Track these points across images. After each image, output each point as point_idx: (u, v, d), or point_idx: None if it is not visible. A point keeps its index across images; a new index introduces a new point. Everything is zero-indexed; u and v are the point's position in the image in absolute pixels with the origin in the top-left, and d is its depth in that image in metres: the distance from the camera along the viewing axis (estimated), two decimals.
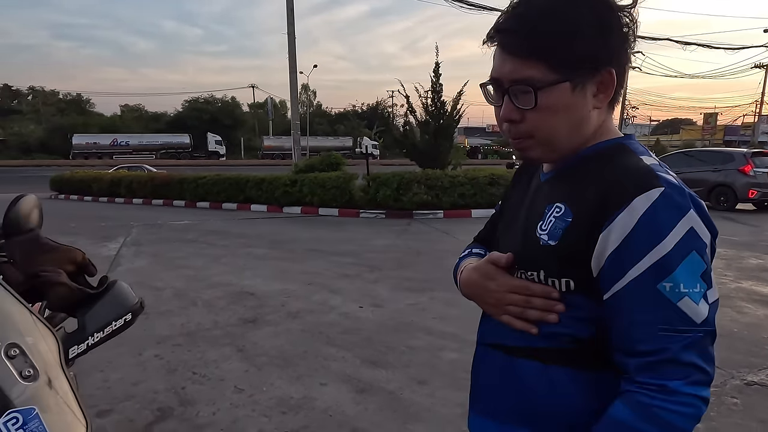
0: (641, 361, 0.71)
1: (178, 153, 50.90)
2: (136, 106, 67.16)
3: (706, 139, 48.55)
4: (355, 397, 2.90)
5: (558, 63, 0.75)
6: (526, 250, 0.83)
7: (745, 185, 11.50)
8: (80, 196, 16.65)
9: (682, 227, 0.69)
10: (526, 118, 0.78)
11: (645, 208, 0.69)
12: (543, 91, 0.75)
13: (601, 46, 0.75)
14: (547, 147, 0.81)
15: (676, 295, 0.69)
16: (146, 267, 6.28)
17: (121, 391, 2.98)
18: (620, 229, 0.71)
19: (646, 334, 0.70)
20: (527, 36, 0.75)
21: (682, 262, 0.69)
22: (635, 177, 0.73)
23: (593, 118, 0.80)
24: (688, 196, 0.71)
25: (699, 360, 0.69)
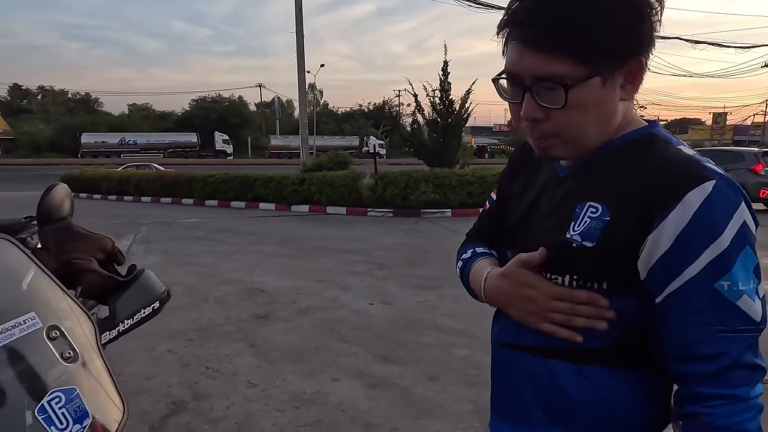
0: (704, 368, 0.67)
1: (186, 152, 51.15)
2: (144, 105, 67.61)
3: (715, 139, 48.19)
4: (367, 393, 2.92)
5: (587, 56, 0.67)
6: (554, 252, 0.77)
7: (756, 185, 11.41)
8: (89, 195, 16.77)
9: (737, 221, 0.66)
10: (551, 116, 0.72)
11: (699, 203, 0.65)
12: (572, 89, 0.68)
13: (632, 33, 0.68)
14: (574, 145, 0.75)
15: (735, 294, 0.66)
16: (157, 263, 6.33)
17: (136, 385, 3.01)
18: (673, 227, 0.66)
19: (705, 336, 0.67)
20: (551, 27, 0.67)
21: (738, 257, 0.66)
22: (683, 169, 0.68)
23: (620, 112, 0.75)
24: (738, 189, 0.67)
25: (758, 359, 0.67)
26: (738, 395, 0.66)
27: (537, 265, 0.78)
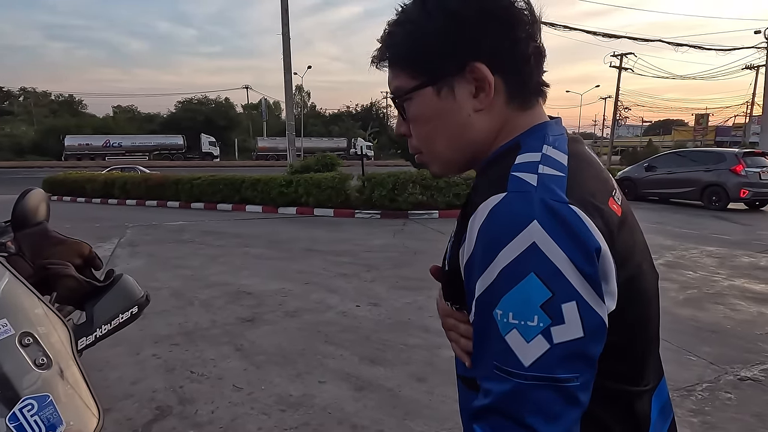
0: (477, 401, 0.59)
1: (172, 154, 50.70)
2: (129, 107, 66.97)
3: (698, 140, 48.90)
4: (354, 395, 2.91)
5: (415, 68, 0.68)
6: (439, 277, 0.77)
7: (737, 185, 11.61)
8: (73, 198, 16.55)
9: (521, 242, 0.55)
10: (410, 130, 0.73)
11: (484, 217, 0.58)
12: (409, 101, 0.70)
13: (456, 40, 0.65)
14: (436, 160, 0.73)
15: (506, 326, 0.55)
16: (142, 267, 6.26)
17: (120, 390, 2.97)
18: (468, 243, 0.60)
19: (484, 367, 0.59)
20: (386, 45, 0.71)
21: (515, 286, 0.55)
22: (489, 182, 0.62)
23: (478, 124, 0.68)
24: (537, 203, 0.56)
25: (528, 417, 0.54)
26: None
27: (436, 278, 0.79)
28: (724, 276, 5.70)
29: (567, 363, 0.54)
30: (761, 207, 12.33)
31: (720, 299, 4.82)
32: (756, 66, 29.40)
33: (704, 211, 11.60)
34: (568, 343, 0.54)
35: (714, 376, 3.16)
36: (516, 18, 0.66)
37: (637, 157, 24.67)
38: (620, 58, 34.87)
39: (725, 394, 2.94)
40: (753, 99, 36.92)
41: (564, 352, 0.54)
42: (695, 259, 6.55)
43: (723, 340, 3.79)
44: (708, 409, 2.77)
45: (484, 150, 0.70)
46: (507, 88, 0.67)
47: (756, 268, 6.13)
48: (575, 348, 0.54)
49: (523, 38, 0.66)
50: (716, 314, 4.38)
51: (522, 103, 0.69)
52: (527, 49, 0.67)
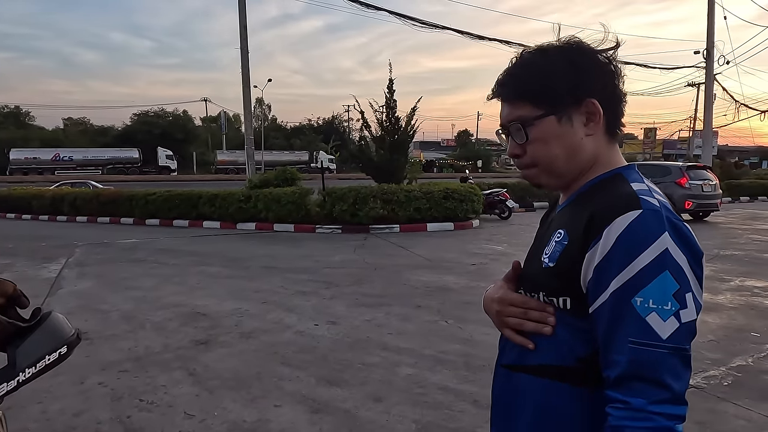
0: (613, 373, 0.75)
1: (127, 168, 49.01)
2: (80, 119, 64.34)
3: (647, 153, 51.20)
4: (310, 418, 2.86)
5: (539, 101, 0.87)
6: (531, 272, 0.92)
7: (682, 197, 12.20)
8: (18, 215, 15.74)
9: (657, 247, 0.74)
10: (526, 151, 0.91)
11: (623, 228, 0.76)
12: (531, 126, 0.88)
13: (575, 82, 0.86)
14: (550, 173, 0.91)
15: (646, 310, 0.73)
16: (91, 289, 6.00)
17: (62, 424, 2.82)
18: (602, 246, 0.77)
19: (619, 345, 0.75)
20: (513, 83, 0.90)
21: (654, 279, 0.74)
22: (618, 200, 0.80)
23: (588, 146, 0.89)
24: (665, 220, 0.76)
25: (665, 377, 0.72)
26: (631, 403, 0.72)
27: (512, 278, 0.97)
28: None
29: (688, 336, 0.75)
30: (704, 217, 13.01)
31: None
32: (697, 83, 31.14)
33: None
34: (689, 322, 0.75)
35: None
36: (616, 69, 0.90)
37: None
38: None
39: None
40: (695, 114, 39.08)
41: (687, 329, 0.74)
42: None
43: None
44: None
45: (587, 169, 0.90)
46: (606, 120, 0.88)
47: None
48: (692, 326, 0.75)
49: (618, 84, 0.89)
50: None
51: (613, 135, 0.91)
52: (621, 93, 0.90)
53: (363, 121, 12.72)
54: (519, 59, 0.91)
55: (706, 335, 4.27)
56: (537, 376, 0.87)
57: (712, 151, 21.50)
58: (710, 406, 3.01)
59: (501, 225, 12.23)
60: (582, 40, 0.90)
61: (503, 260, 7.51)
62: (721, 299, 5.40)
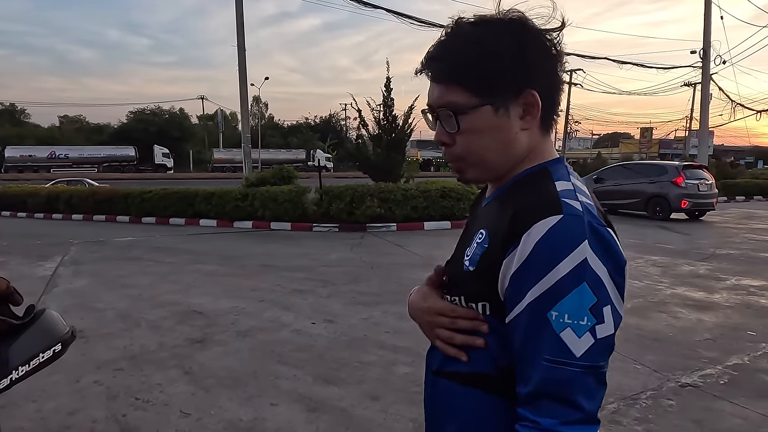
0: (524, 390, 0.71)
1: (123, 166, 48.85)
2: (76, 117, 64.12)
3: (643, 152, 51.32)
4: (307, 416, 2.85)
5: (477, 87, 0.77)
6: (453, 275, 0.86)
7: (678, 196, 12.24)
8: (13, 213, 15.64)
9: (576, 257, 0.68)
10: (456, 140, 0.81)
11: (541, 234, 0.69)
12: (465, 115, 0.78)
13: (520, 69, 0.76)
14: (479, 168, 0.83)
15: (561, 325, 0.68)
16: (86, 287, 5.96)
17: (57, 422, 2.80)
18: (520, 254, 0.70)
19: (532, 361, 0.70)
20: (447, 63, 0.78)
21: (571, 292, 0.68)
22: (540, 202, 0.73)
23: (522, 140, 0.80)
24: (586, 227, 0.69)
25: (577, 397, 0.67)
26: (540, 423, 0.68)
27: (435, 277, 0.89)
28: (666, 284, 5.97)
29: (604, 353, 0.70)
30: (700, 217, 13.05)
31: (663, 307, 5.03)
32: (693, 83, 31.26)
33: (649, 222, 12.16)
34: (606, 337, 0.69)
35: (657, 384, 3.28)
36: (560, 53, 0.79)
37: (587, 169, 25.59)
38: (570, 74, 36.30)
39: (667, 401, 3.06)
40: (691, 114, 39.24)
41: (603, 344, 0.69)
42: (640, 269, 6.84)
43: (665, 347, 3.95)
44: (651, 416, 2.87)
45: (517, 164, 0.81)
46: (543, 112, 0.79)
47: (695, 276, 6.46)
48: (609, 341, 0.70)
49: (559, 72, 0.79)
50: (659, 322, 4.58)
51: (548, 127, 0.82)
52: (561, 81, 0.81)
53: (360, 119, 12.71)
54: (456, 29, 0.79)
55: (702, 334, 4.28)
56: (458, 383, 0.82)
57: (708, 151, 21.58)
58: (707, 405, 3.02)
59: None
60: (526, 15, 0.78)
61: None
62: (717, 298, 5.41)
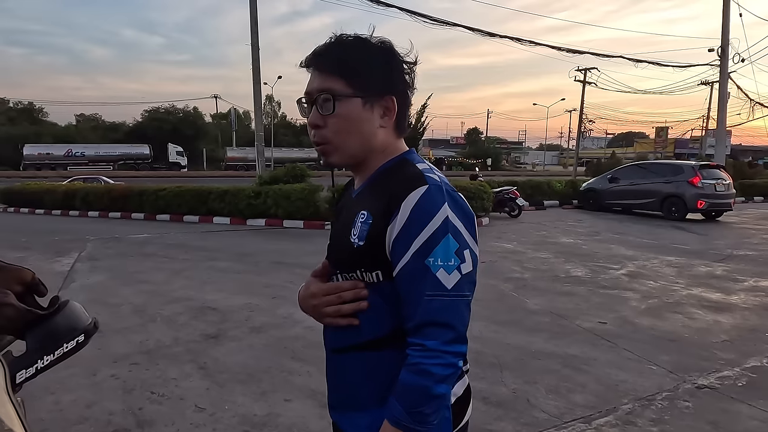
0: (412, 323, 0.89)
1: (138, 164, 49.38)
2: (92, 115, 64.96)
3: (658, 152, 50.70)
4: (320, 412, 2.87)
5: (353, 82, 0.96)
6: (343, 254, 1.00)
7: (694, 196, 12.07)
8: (31, 209, 15.91)
9: (440, 216, 0.89)
10: (327, 123, 0.97)
11: (415, 201, 0.89)
12: (340, 101, 0.95)
13: (385, 78, 0.98)
14: (342, 152, 0.99)
15: (436, 267, 0.88)
16: (102, 283, 6.05)
17: (75, 414, 2.85)
18: (400, 218, 0.90)
19: (416, 298, 0.89)
20: (334, 58, 0.97)
21: (441, 242, 0.88)
22: (409, 179, 0.93)
23: (380, 135, 1.00)
24: (444, 193, 0.91)
25: (453, 320, 0.88)
26: (426, 345, 0.88)
27: (321, 273, 1.06)
28: (682, 285, 5.90)
29: (468, 285, 0.91)
30: (717, 217, 12.85)
31: (678, 308, 4.97)
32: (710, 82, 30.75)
33: (664, 222, 12.01)
34: (469, 273, 0.91)
35: (673, 385, 3.25)
36: (412, 79, 1.04)
37: (601, 169, 25.38)
38: (584, 72, 35.92)
39: (683, 402, 3.03)
40: (708, 113, 38.59)
41: (467, 279, 0.90)
42: (656, 269, 6.76)
43: (681, 348, 3.91)
44: (667, 418, 2.84)
45: (375, 156, 1.01)
46: (397, 118, 1.01)
47: (712, 277, 6.37)
48: (471, 276, 0.92)
49: (410, 93, 1.03)
50: (675, 323, 4.52)
51: (401, 132, 1.04)
52: (410, 100, 1.04)
53: None
54: (340, 39, 0.99)
55: (719, 335, 4.22)
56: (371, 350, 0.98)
57: (725, 151, 21.24)
58: (724, 407, 2.98)
59: (511, 223, 12.17)
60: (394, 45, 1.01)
61: (512, 258, 7.48)
62: (734, 299, 5.33)
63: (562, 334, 4.17)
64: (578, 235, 9.89)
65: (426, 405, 0.88)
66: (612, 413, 2.88)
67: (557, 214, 14.07)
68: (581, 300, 5.26)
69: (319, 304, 1.02)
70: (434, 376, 0.87)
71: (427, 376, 0.87)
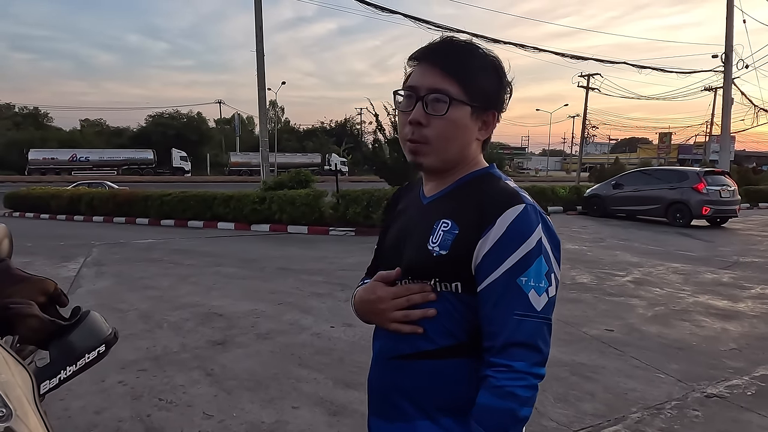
0: (498, 342, 0.88)
1: (142, 169, 49.60)
2: (97, 120, 65.27)
3: (662, 158, 50.60)
4: (328, 420, 2.86)
5: (469, 89, 0.94)
6: (419, 262, 0.97)
7: (699, 202, 12.03)
8: (36, 214, 15.99)
9: (536, 236, 0.89)
10: (431, 123, 0.94)
11: (513, 218, 0.89)
12: (454, 105, 0.93)
13: (495, 93, 0.98)
14: (438, 156, 0.97)
15: (528, 287, 0.87)
16: (109, 288, 6.07)
17: (84, 421, 2.85)
18: (495, 234, 0.89)
19: (503, 317, 0.88)
20: (456, 60, 0.95)
21: (534, 262, 0.88)
22: (506, 195, 0.93)
23: (473, 147, 1.00)
24: (539, 214, 0.91)
25: (540, 342, 0.88)
26: (513, 366, 0.86)
27: (394, 279, 1.00)
28: (689, 292, 5.87)
29: (552, 308, 0.91)
30: (722, 224, 12.80)
31: (686, 316, 4.95)
32: (714, 88, 30.73)
33: (669, 228, 11.97)
34: (554, 297, 0.91)
35: (682, 394, 3.23)
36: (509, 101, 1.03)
37: (604, 174, 25.35)
38: (587, 78, 35.98)
39: (693, 411, 3.01)
40: (712, 119, 38.57)
41: (552, 302, 0.90)
42: (661, 276, 6.74)
43: (689, 357, 3.89)
44: (677, 427, 2.82)
45: (462, 166, 1.00)
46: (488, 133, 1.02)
47: (718, 284, 6.34)
48: (555, 300, 0.91)
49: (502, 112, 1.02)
50: (682, 331, 4.50)
51: (485, 147, 1.05)
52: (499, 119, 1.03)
53: (377, 123, 12.75)
54: (456, 42, 0.97)
55: (728, 343, 4.20)
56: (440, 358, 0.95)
57: (729, 156, 21.19)
58: (733, 416, 2.96)
59: None
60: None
61: None
62: (742, 307, 5.31)
63: (569, 342, 4.16)
64: (583, 242, 9.87)
65: (512, 428, 0.87)
66: (621, 422, 2.87)
67: (561, 220, 14.04)
68: (587, 307, 5.25)
69: (388, 308, 0.98)
70: (520, 399, 0.85)
71: (513, 399, 0.85)
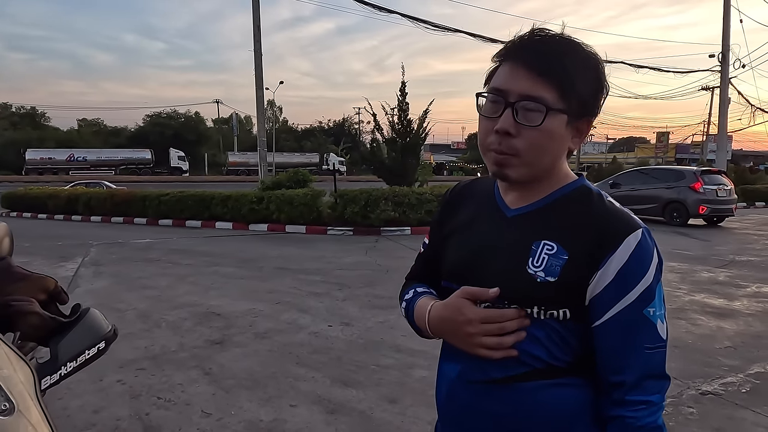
0: (630, 377, 0.82)
1: (139, 169, 49.55)
2: (94, 120, 65.16)
3: (659, 157, 50.68)
4: (326, 418, 2.88)
5: (568, 95, 0.81)
6: (517, 287, 0.85)
7: (696, 201, 12.08)
8: (34, 214, 15.97)
9: (656, 261, 0.83)
10: (522, 134, 0.82)
11: (634, 246, 0.81)
12: (551, 114, 0.80)
13: (593, 98, 0.85)
14: (529, 169, 0.85)
15: (655, 318, 0.82)
16: (107, 288, 6.08)
17: (82, 420, 2.87)
18: (617, 263, 0.81)
19: (633, 351, 0.82)
20: (554, 62, 0.80)
21: (656, 290, 0.83)
22: (623, 220, 0.84)
23: (563, 156, 0.89)
24: (651, 235, 0.84)
25: (665, 370, 0.85)
26: (652, 401, 0.82)
27: (490, 298, 0.86)
28: (685, 291, 5.90)
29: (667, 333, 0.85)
30: (718, 223, 12.86)
31: (682, 314, 4.98)
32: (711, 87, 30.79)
33: (666, 227, 12.01)
34: (666, 321, 0.85)
35: (677, 391, 3.25)
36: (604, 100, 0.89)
37: (602, 173, 25.39)
38: None
39: (688, 408, 3.03)
40: (709, 119, 38.62)
41: (666, 327, 0.85)
42: None
43: (685, 354, 3.91)
44: (672, 424, 2.85)
45: (551, 177, 0.89)
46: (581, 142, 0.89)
47: (714, 283, 6.37)
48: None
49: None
50: (678, 329, 4.53)
51: (570, 154, 0.91)
52: None
53: (375, 123, 12.77)
54: (556, 38, 0.83)
55: (723, 341, 4.23)
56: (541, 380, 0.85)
57: (726, 156, 21.26)
58: (728, 413, 2.98)
59: None
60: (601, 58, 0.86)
61: None
62: (737, 305, 5.34)
63: None
64: None
65: None
66: None
67: None
68: None
69: (477, 332, 0.85)
70: (662, 429, 0.83)
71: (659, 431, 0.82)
